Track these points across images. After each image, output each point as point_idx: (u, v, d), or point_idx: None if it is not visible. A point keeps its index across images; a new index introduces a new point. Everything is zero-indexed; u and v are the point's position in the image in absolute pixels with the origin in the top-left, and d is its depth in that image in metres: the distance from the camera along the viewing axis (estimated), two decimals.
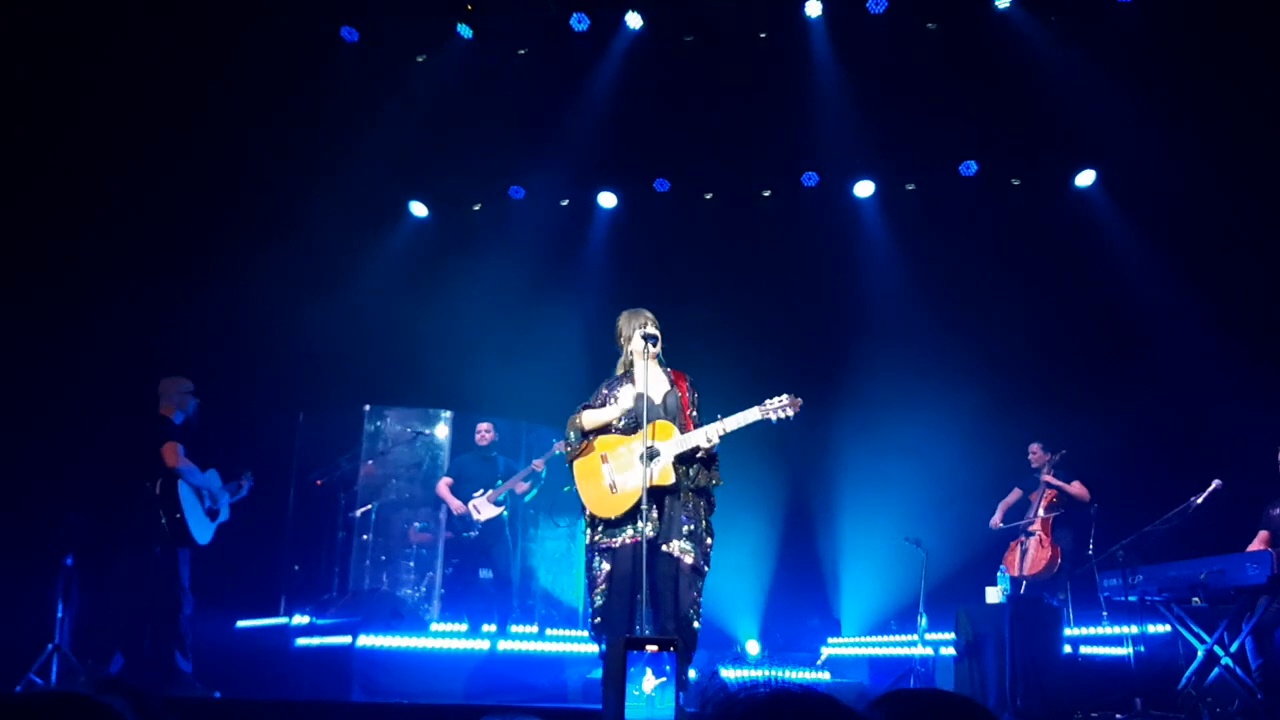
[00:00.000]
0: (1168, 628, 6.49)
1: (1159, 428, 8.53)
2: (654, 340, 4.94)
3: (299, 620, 7.55)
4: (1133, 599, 6.39)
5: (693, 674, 5.47)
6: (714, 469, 4.87)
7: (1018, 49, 8.42)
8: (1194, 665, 6.05)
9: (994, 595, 6.88)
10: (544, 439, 8.72)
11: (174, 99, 7.91)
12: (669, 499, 4.75)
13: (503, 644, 7.01)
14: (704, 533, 4.79)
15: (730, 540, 7.61)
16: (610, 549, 4.77)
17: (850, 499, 9.34)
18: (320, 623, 7.39)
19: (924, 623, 7.51)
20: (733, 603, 9.11)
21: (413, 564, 8.97)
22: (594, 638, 4.86)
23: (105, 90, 7.61)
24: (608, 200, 9.93)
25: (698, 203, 9.80)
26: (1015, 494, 8.41)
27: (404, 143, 9.00)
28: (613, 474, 4.81)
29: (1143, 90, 8.21)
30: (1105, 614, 7.18)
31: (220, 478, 6.56)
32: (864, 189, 9.69)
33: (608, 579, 4.76)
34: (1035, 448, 8.34)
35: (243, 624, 7.92)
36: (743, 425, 4.75)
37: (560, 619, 8.81)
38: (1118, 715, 5.95)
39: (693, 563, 4.68)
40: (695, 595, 4.72)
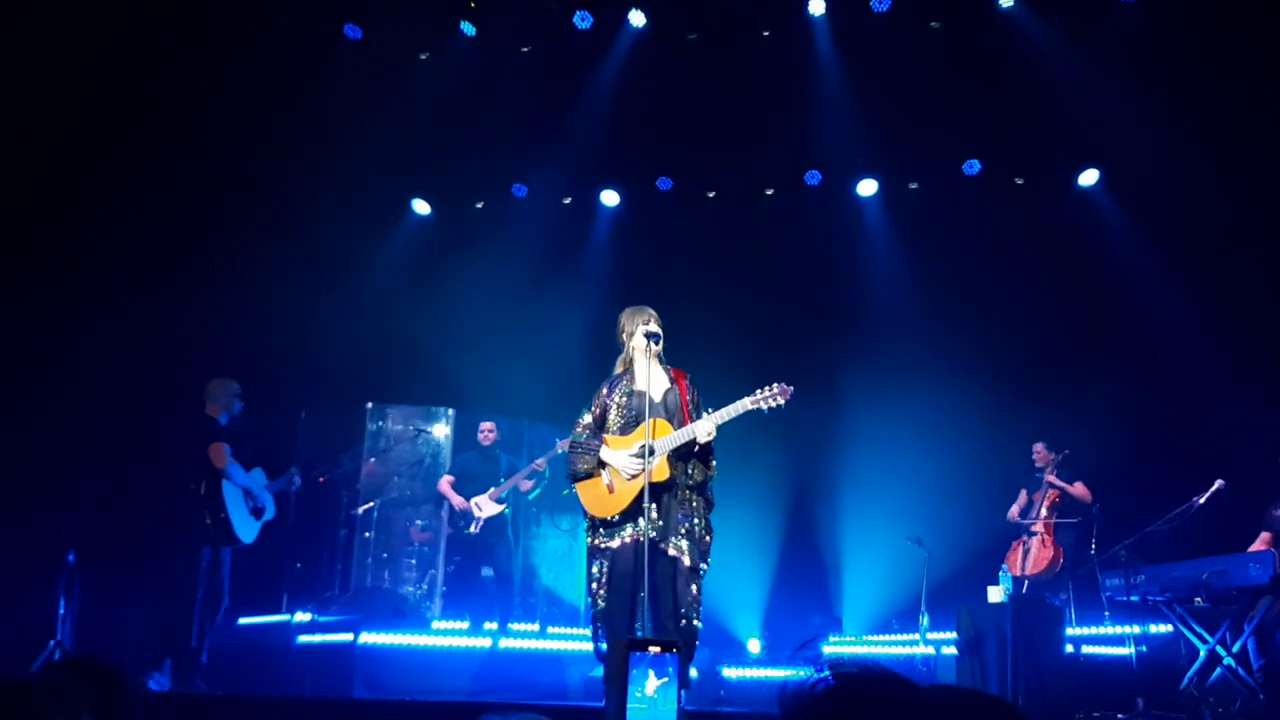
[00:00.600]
0: (1170, 628, 6.48)
1: (1161, 427, 8.52)
2: (656, 338, 4.94)
3: (301, 617, 7.55)
4: (1135, 599, 6.38)
5: (694, 673, 5.46)
6: (710, 462, 4.87)
7: (1021, 48, 8.42)
8: (1196, 665, 6.04)
9: (996, 594, 6.87)
10: (545, 437, 8.72)
11: (176, 97, 7.90)
12: (666, 497, 4.73)
13: (504, 642, 7.00)
14: (703, 531, 4.78)
15: (732, 539, 7.61)
16: (609, 549, 4.77)
17: (852, 498, 9.33)
18: (322, 620, 7.40)
19: (926, 622, 7.51)
20: (734, 601, 9.11)
21: (414, 562, 8.98)
22: (595, 637, 4.86)
23: (106, 90, 7.61)
24: (610, 198, 9.93)
25: (700, 201, 9.79)
26: (1021, 498, 8.39)
27: (406, 141, 9.00)
28: (610, 474, 4.80)
29: (1146, 90, 8.20)
30: (1107, 614, 7.17)
31: (266, 475, 6.63)
32: (867, 188, 9.68)
33: (608, 578, 4.76)
34: (1039, 447, 8.33)
35: (244, 621, 7.92)
36: (735, 416, 4.73)
37: (562, 617, 8.81)
38: (1119, 715, 5.95)
39: (691, 561, 4.67)
40: (695, 593, 4.70)
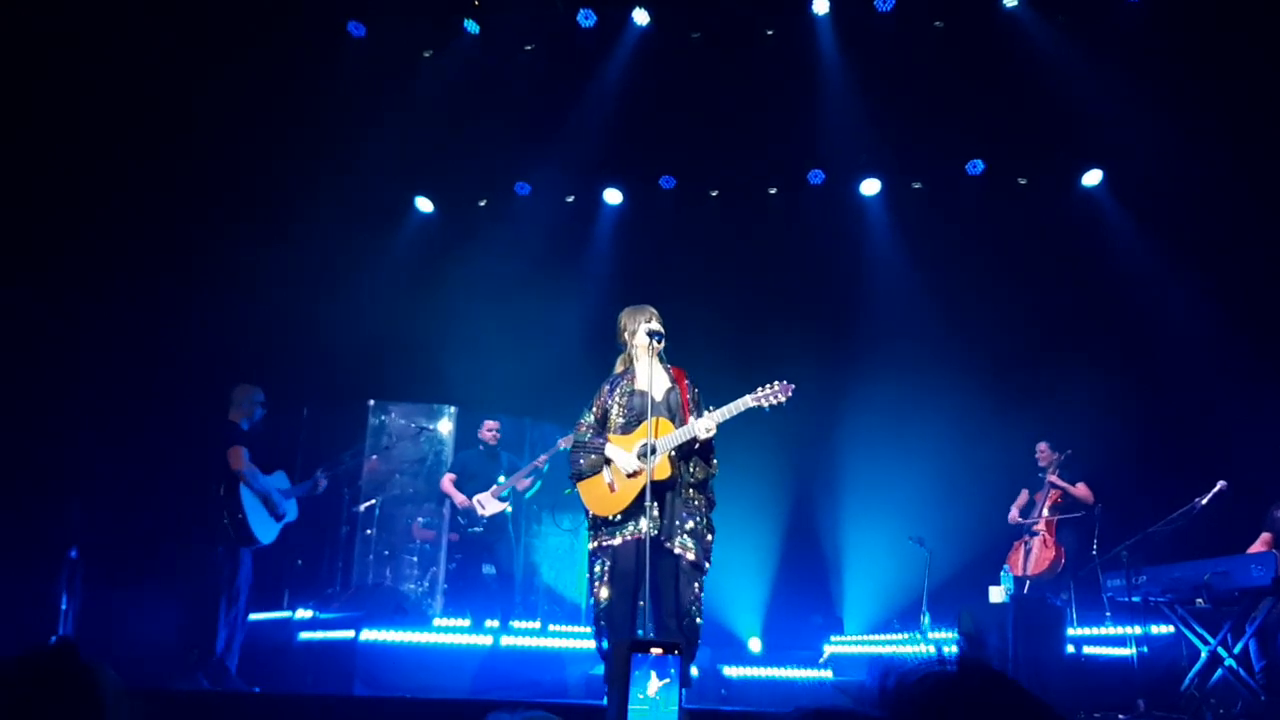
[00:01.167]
0: (1171, 629, 6.48)
1: (1164, 428, 8.51)
2: (659, 336, 4.94)
3: (302, 614, 7.56)
4: (1136, 600, 6.38)
5: (695, 671, 5.47)
6: (712, 460, 4.87)
7: (1025, 48, 8.40)
8: (1197, 666, 6.04)
9: (997, 595, 6.88)
10: (548, 435, 8.72)
11: (179, 95, 7.90)
12: (669, 495, 4.74)
13: (505, 640, 7.01)
14: (704, 529, 4.78)
15: (733, 538, 7.61)
16: (611, 547, 4.77)
17: (854, 497, 9.32)
18: (323, 617, 7.41)
19: (927, 621, 7.51)
20: (735, 600, 9.11)
21: (416, 559, 8.98)
22: (596, 635, 4.86)
23: (105, 90, 7.60)
24: (613, 197, 9.92)
25: (703, 200, 9.78)
26: (1023, 496, 8.39)
27: (410, 139, 8.99)
28: (611, 473, 4.80)
29: (1150, 90, 8.18)
30: (1108, 614, 7.17)
31: (289, 479, 6.77)
32: (870, 187, 9.67)
33: (609, 577, 4.76)
34: (1043, 447, 8.33)
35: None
36: (736, 414, 4.73)
37: (563, 615, 8.81)
38: (1120, 716, 5.94)
39: (694, 559, 4.67)
40: (697, 592, 4.71)
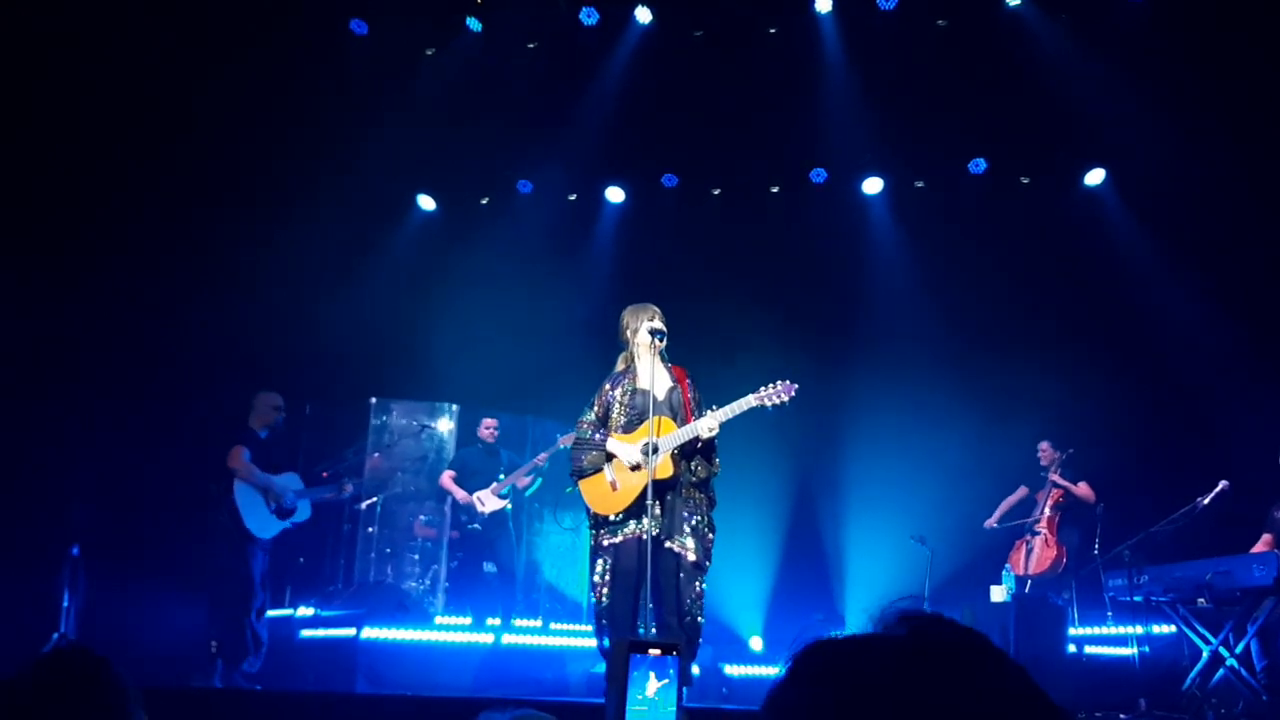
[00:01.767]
0: (1173, 628, 6.47)
1: (1166, 427, 8.50)
2: (661, 335, 4.93)
3: (304, 612, 7.57)
4: (1138, 599, 6.38)
5: (696, 670, 5.47)
6: (714, 459, 4.87)
7: (1028, 47, 8.39)
8: (1199, 666, 6.03)
9: (999, 594, 6.88)
10: (549, 433, 8.71)
11: (179, 95, 7.89)
12: (670, 494, 4.74)
13: (507, 637, 7.02)
14: (705, 528, 4.79)
15: (735, 536, 7.61)
16: (613, 545, 4.77)
17: (855, 496, 9.32)
18: (325, 615, 7.41)
19: None
20: (737, 598, 9.10)
21: (417, 557, 8.98)
22: (598, 633, 4.86)
23: (106, 90, 7.60)
24: (615, 195, 9.92)
25: (705, 198, 9.77)
26: (1022, 491, 8.38)
27: (412, 136, 8.99)
28: (614, 472, 4.80)
29: (1153, 89, 8.16)
30: (1110, 614, 7.17)
31: (301, 480, 6.89)
32: (872, 186, 9.65)
33: (611, 575, 4.76)
34: (1045, 445, 8.32)
35: None
36: (740, 413, 4.74)
37: (565, 613, 8.82)
38: (1122, 715, 5.94)
39: (695, 558, 4.68)
40: (698, 590, 4.72)
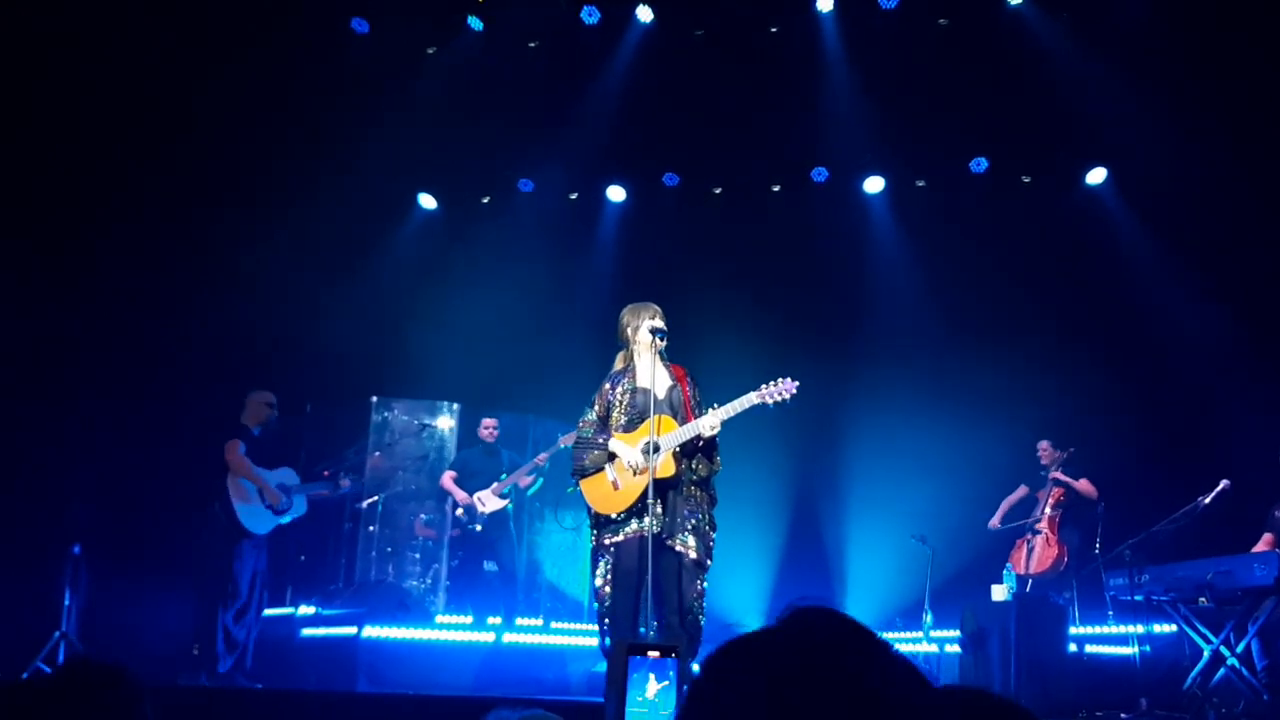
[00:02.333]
0: (1174, 628, 6.47)
1: (1167, 427, 8.49)
2: (661, 334, 4.93)
3: (305, 611, 7.57)
4: (1139, 598, 6.37)
5: (697, 669, 5.47)
6: (715, 457, 4.87)
7: (1029, 46, 8.39)
8: (1199, 665, 6.03)
9: (999, 593, 6.87)
10: (550, 432, 8.71)
11: (179, 95, 7.90)
12: (672, 493, 4.74)
13: (507, 636, 7.02)
14: (706, 527, 4.79)
15: (737, 535, 7.61)
16: (614, 544, 4.77)
17: (857, 495, 9.32)
18: (326, 613, 7.41)
19: (929, 620, 7.51)
20: (738, 597, 9.11)
21: (418, 556, 8.99)
22: (600, 633, 4.87)
23: (106, 90, 7.60)
24: (616, 194, 9.92)
25: (706, 198, 9.77)
26: (1021, 490, 8.37)
27: (413, 135, 8.99)
28: (615, 471, 4.80)
29: (1154, 88, 8.16)
30: (1111, 613, 7.17)
31: (297, 476, 6.92)
32: (874, 185, 9.65)
33: (612, 575, 4.76)
34: (1045, 445, 8.30)
35: None
36: (741, 411, 4.73)
37: (565, 612, 8.81)
38: (1122, 715, 5.95)
39: (696, 557, 4.68)
40: (699, 589, 4.72)
